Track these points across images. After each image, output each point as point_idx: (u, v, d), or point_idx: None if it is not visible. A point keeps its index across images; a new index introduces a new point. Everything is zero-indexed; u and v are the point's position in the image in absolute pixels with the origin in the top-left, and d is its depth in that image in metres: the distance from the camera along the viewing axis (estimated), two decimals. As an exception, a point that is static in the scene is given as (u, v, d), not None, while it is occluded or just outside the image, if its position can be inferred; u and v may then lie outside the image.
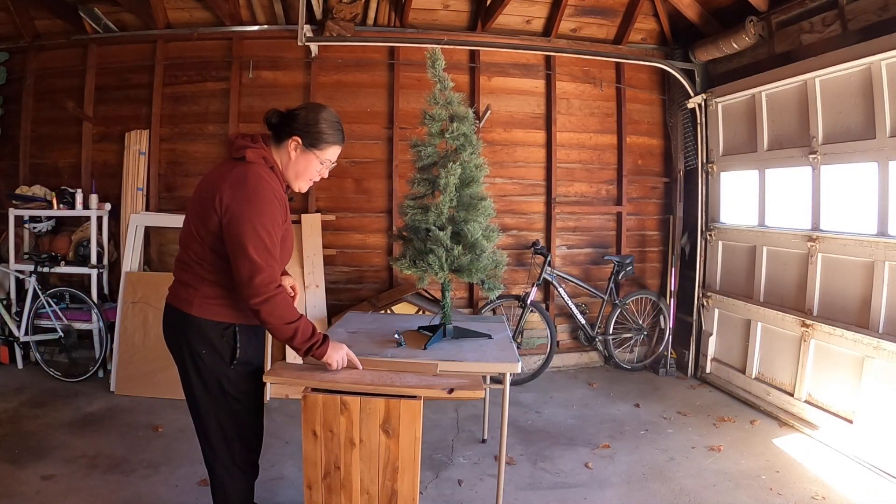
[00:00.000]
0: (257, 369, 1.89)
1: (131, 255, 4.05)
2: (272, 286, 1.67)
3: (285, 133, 1.79)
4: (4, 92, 4.45)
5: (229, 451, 1.85)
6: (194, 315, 1.75)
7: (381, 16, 4.42)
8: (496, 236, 2.31)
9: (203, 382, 1.80)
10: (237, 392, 1.82)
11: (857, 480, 2.78)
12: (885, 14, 3.04)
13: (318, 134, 1.79)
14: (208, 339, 1.76)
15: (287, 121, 1.80)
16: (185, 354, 1.80)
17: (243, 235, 1.64)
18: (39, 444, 2.98)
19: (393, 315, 3.66)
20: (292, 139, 1.78)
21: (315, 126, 1.79)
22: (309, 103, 1.86)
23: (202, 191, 1.76)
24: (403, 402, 1.70)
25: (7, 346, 4.14)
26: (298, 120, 1.79)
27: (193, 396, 1.83)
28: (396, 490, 1.74)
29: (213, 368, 1.78)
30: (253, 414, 1.90)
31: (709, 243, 4.49)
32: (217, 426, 1.83)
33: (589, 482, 2.77)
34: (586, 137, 4.74)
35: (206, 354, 1.77)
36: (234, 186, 1.68)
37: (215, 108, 4.40)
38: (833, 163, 3.38)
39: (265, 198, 1.68)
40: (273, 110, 1.82)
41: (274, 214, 1.69)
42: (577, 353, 4.71)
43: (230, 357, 1.78)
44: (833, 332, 3.25)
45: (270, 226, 1.68)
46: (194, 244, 1.75)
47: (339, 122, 1.85)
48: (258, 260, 1.64)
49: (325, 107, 1.86)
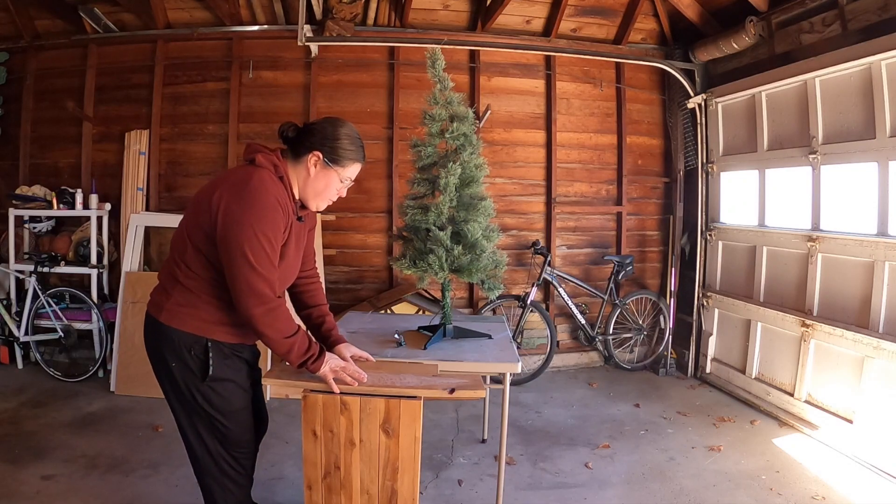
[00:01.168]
0: (239, 386, 1.73)
1: (131, 255, 4.05)
2: (273, 296, 1.56)
3: (304, 147, 1.68)
4: (4, 92, 4.46)
5: (216, 464, 1.74)
6: (162, 322, 1.63)
7: (381, 16, 4.42)
8: (496, 236, 2.31)
9: (177, 395, 1.68)
10: (213, 409, 1.68)
11: (857, 480, 2.78)
12: (885, 14, 3.04)
13: (341, 149, 1.69)
14: (177, 350, 1.63)
15: (305, 135, 1.69)
16: (158, 364, 1.69)
17: (242, 240, 1.50)
18: (39, 444, 2.98)
19: (393, 315, 3.66)
20: (313, 154, 1.67)
21: (337, 141, 1.68)
22: (328, 117, 1.75)
23: (202, 190, 1.65)
24: (403, 402, 1.70)
25: (7, 346, 4.15)
26: (318, 133, 1.68)
27: (172, 408, 1.73)
28: (396, 490, 1.74)
29: (185, 382, 1.65)
30: (239, 427, 1.75)
31: (709, 243, 4.49)
32: (197, 440, 1.72)
33: (589, 482, 2.77)
34: (586, 137, 4.74)
35: (176, 368, 1.64)
36: (234, 185, 1.56)
37: (215, 108, 4.40)
38: (833, 163, 3.38)
39: (267, 202, 1.54)
40: (289, 123, 1.71)
41: (276, 221, 1.56)
42: (577, 353, 4.71)
43: (201, 373, 1.63)
44: (833, 332, 3.25)
45: (272, 232, 1.55)
46: (181, 244, 1.63)
47: (360, 139, 1.76)
48: (258, 267, 1.51)
49: (345, 121, 1.75)
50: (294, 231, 1.70)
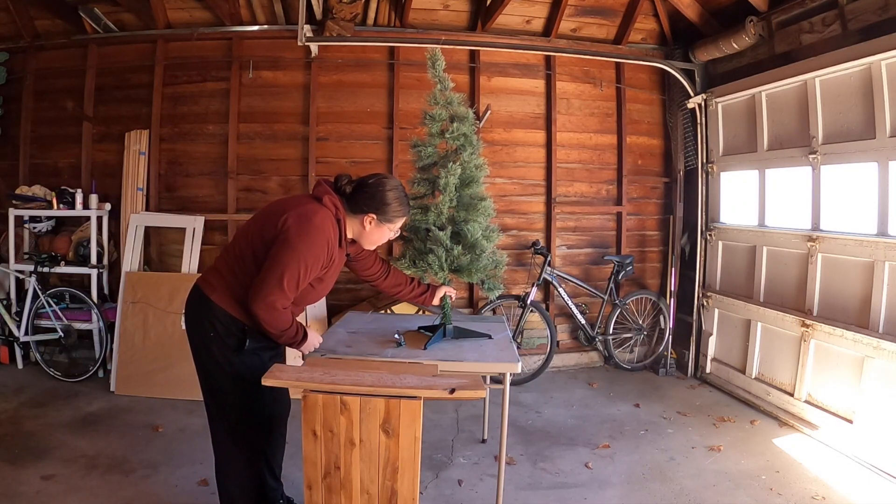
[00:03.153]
0: (261, 366, 1.95)
1: (131, 255, 4.06)
2: (280, 306, 1.83)
3: (359, 208, 1.98)
4: (4, 92, 4.45)
5: (229, 434, 1.99)
6: (214, 300, 1.91)
7: (381, 16, 4.42)
8: (496, 236, 2.31)
9: (209, 360, 1.95)
10: (237, 377, 1.94)
11: (857, 480, 2.78)
12: (885, 14, 3.04)
13: (391, 212, 1.99)
14: (219, 325, 1.91)
15: (360, 194, 1.97)
16: (196, 332, 1.96)
17: (285, 260, 1.80)
18: (39, 444, 2.98)
19: (393, 315, 3.66)
20: (368, 216, 1.98)
21: (387, 206, 1.97)
22: (379, 179, 2.00)
23: (275, 205, 1.97)
24: (403, 402, 1.70)
25: (7, 346, 4.14)
26: (372, 198, 1.96)
27: (205, 377, 1.99)
28: (396, 490, 1.74)
29: (219, 350, 1.93)
30: (254, 400, 1.99)
31: (709, 243, 4.49)
32: (217, 407, 2.00)
33: (589, 482, 2.77)
34: (586, 137, 4.74)
35: (214, 337, 1.92)
36: (300, 216, 1.85)
37: (215, 108, 4.40)
38: (833, 163, 3.38)
39: (320, 240, 1.84)
40: (344, 177, 2.00)
41: (319, 257, 1.86)
42: (577, 353, 4.71)
43: (236, 347, 1.92)
44: (833, 332, 3.25)
45: (312, 264, 1.84)
46: (243, 244, 1.93)
47: (406, 195, 2.04)
48: (284, 285, 1.80)
49: (392, 180, 2.02)
50: (338, 258, 2.00)
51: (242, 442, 2.01)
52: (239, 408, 1.98)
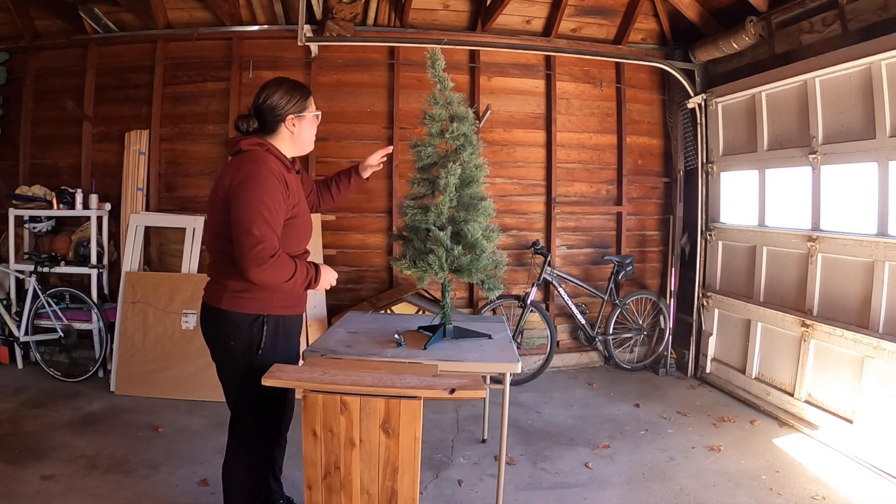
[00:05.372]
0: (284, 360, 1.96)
1: (131, 255, 4.05)
2: (268, 256, 1.74)
3: (275, 123, 1.91)
4: (4, 92, 4.46)
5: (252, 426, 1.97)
6: (224, 309, 1.88)
7: (381, 16, 4.42)
8: (496, 236, 2.31)
9: (234, 367, 1.93)
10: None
11: (857, 480, 2.78)
12: (885, 14, 3.04)
13: (297, 100, 1.92)
14: (236, 330, 1.88)
15: (264, 115, 1.90)
16: (218, 346, 1.94)
17: (244, 213, 1.74)
18: (39, 444, 2.98)
19: (393, 315, 3.66)
20: (286, 120, 1.91)
21: (291, 97, 1.90)
22: (262, 88, 1.94)
23: (213, 190, 1.88)
24: (403, 402, 1.70)
25: (7, 346, 4.14)
26: (275, 107, 1.89)
27: (224, 381, 1.97)
28: (396, 490, 1.74)
29: (242, 355, 1.90)
30: (280, 403, 2.00)
31: (709, 243, 4.49)
32: (245, 408, 1.97)
33: (589, 482, 2.77)
34: (586, 137, 4.74)
35: (235, 345, 1.89)
36: (233, 173, 1.80)
37: (215, 108, 4.40)
38: (833, 163, 3.38)
39: (264, 174, 1.78)
40: (240, 118, 1.91)
41: (274, 190, 1.78)
42: (577, 353, 4.71)
43: (256, 347, 1.90)
44: (833, 332, 3.25)
45: (271, 200, 1.77)
46: (215, 243, 1.90)
47: (291, 79, 1.97)
48: (257, 232, 1.72)
49: (269, 82, 1.94)
50: (295, 184, 1.93)
51: (257, 446, 2.00)
52: (266, 410, 1.97)
